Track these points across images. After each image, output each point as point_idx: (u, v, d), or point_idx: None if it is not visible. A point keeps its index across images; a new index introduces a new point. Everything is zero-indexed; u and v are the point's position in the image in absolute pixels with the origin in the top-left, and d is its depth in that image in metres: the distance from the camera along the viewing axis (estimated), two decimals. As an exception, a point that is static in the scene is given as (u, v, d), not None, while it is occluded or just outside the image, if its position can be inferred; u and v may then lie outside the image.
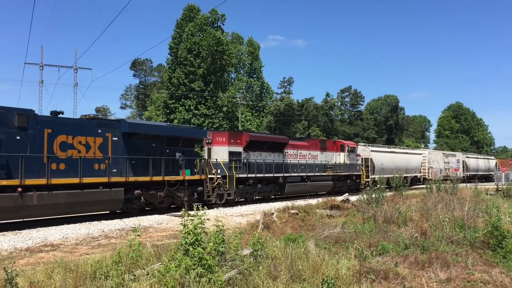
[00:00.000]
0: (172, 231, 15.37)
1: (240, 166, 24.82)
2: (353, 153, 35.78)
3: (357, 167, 36.44)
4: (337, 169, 33.48)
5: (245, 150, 25.33)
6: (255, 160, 25.86)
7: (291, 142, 29.73)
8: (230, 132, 26.03)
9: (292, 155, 29.41)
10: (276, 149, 27.60)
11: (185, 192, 21.19)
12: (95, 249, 12.17)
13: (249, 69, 66.97)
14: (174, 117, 51.22)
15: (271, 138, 28.54)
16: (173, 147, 21.15)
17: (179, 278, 6.98)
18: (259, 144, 26.19)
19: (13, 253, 11.58)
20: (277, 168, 27.53)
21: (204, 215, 8.36)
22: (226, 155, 24.25)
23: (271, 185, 27.63)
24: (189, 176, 21.29)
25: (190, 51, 52.45)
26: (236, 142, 24.93)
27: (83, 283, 6.94)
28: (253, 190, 26.10)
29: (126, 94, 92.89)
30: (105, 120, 19.55)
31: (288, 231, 14.28)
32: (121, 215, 19.25)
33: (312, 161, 31.21)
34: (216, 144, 24.69)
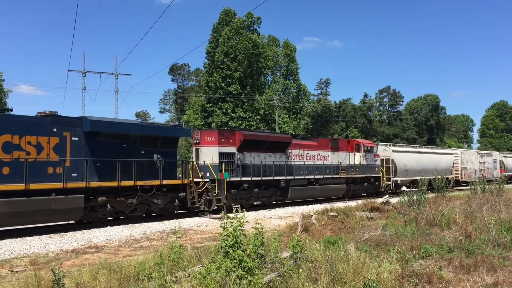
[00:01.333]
0: (211, 233, 15.52)
1: (233, 169, 22.35)
2: (370, 153, 32.64)
3: (375, 169, 33.17)
4: (352, 170, 30.63)
5: (240, 151, 22.81)
6: (251, 161, 23.30)
7: (296, 142, 27.23)
8: (220, 130, 23.84)
9: (297, 156, 26.72)
10: (277, 149, 25.12)
11: (164, 199, 19.16)
12: (137, 251, 12.43)
13: (285, 71, 66.93)
14: (212, 121, 51.73)
15: (270, 137, 25.59)
16: (149, 148, 18.96)
17: (219, 280, 7.03)
18: (256, 144, 23.72)
19: (59, 255, 11.97)
20: (278, 170, 24.99)
21: (243, 217, 8.41)
22: (216, 157, 21.71)
23: (272, 190, 24.90)
24: (168, 181, 19.17)
25: (226, 54, 52.87)
26: (228, 142, 22.37)
27: (127, 284, 7.09)
28: (249, 195, 23.44)
29: (165, 98, 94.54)
30: (62, 118, 16.86)
31: (328, 233, 14.16)
32: (162, 217, 19.56)
33: (322, 162, 28.36)
34: (204, 144, 22.13)
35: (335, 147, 29.92)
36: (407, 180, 37.28)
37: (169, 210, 19.72)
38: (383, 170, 33.98)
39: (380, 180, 33.56)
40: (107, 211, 17.28)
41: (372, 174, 32.77)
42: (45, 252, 12.20)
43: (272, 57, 60.53)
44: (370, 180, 32.68)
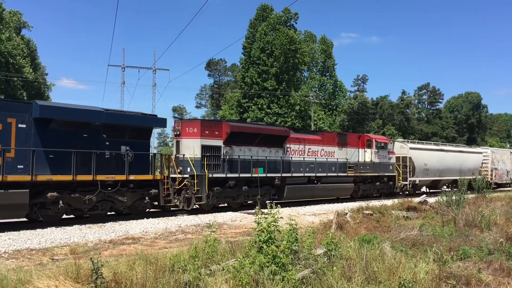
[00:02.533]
0: (245, 228, 15.61)
1: (218, 164, 20.27)
2: (384, 150, 29.89)
3: (389, 167, 30.39)
4: (361, 168, 28.05)
5: (227, 144, 20.64)
6: (239, 156, 21.08)
7: (295, 136, 24.79)
8: (204, 121, 21.24)
9: (296, 151, 24.31)
10: (272, 144, 22.78)
11: (131, 196, 17.28)
12: (172, 244, 12.63)
13: (322, 67, 66.41)
14: (247, 116, 51.89)
15: (262, 129, 22.87)
16: (116, 139, 17.07)
17: (253, 274, 7.07)
18: (246, 137, 21.43)
19: (98, 245, 12.30)
20: (272, 166, 22.70)
21: (277, 213, 8.43)
22: (198, 150, 19.58)
23: (265, 188, 22.48)
24: (136, 176, 17.25)
25: (263, 50, 52.86)
26: (213, 134, 20.22)
27: (162, 275, 7.21)
28: (236, 194, 21.24)
29: (201, 93, 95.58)
30: (6, 102, 15.35)
31: (362, 232, 14.00)
32: (197, 211, 19.80)
33: (325, 158, 25.80)
34: (185, 136, 19.94)
35: (342, 143, 27.39)
36: (426, 181, 34.61)
37: (139, 208, 17.91)
38: (398, 169, 31.25)
39: (395, 180, 30.95)
40: (60, 209, 15.28)
41: (386, 172, 30.11)
42: (84, 242, 12.56)
43: (308, 53, 60.14)
44: (383, 180, 30.10)
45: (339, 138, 27.32)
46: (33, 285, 6.83)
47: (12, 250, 11.28)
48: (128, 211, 17.85)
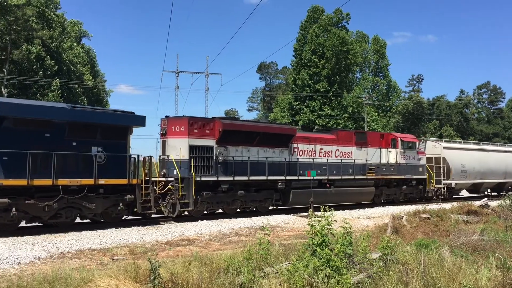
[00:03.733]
0: (298, 231, 15.56)
1: (209, 166, 18.35)
2: (411, 150, 27.26)
3: (418, 169, 27.62)
4: (384, 170, 25.40)
5: (221, 144, 18.77)
6: (233, 157, 19.05)
7: (303, 134, 22.90)
8: (192, 118, 18.59)
9: (306, 152, 22.15)
10: (275, 144, 20.69)
11: (101, 202, 15.36)
12: (226, 245, 12.80)
13: (375, 67, 65.20)
14: (299, 118, 51.71)
15: (262, 128, 20.60)
16: (85, 139, 15.12)
17: (307, 278, 7.05)
18: (243, 136, 19.45)
19: (155, 246, 12.66)
20: (276, 168, 20.46)
21: (331, 216, 8.36)
22: (186, 150, 17.81)
23: (266, 192, 20.40)
24: (106, 180, 15.26)
25: (314, 52, 52.55)
26: (204, 133, 18.38)
27: (217, 277, 7.33)
28: (231, 199, 19.19)
29: (253, 96, 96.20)
30: None
31: (419, 236, 13.62)
32: (251, 213, 19.94)
33: (339, 159, 23.40)
34: (171, 135, 18.23)
35: (362, 142, 24.86)
36: (465, 184, 31.39)
37: (112, 216, 15.97)
38: (430, 171, 28.52)
39: (426, 183, 28.17)
40: (13, 217, 13.56)
41: (414, 175, 27.35)
42: (142, 243, 12.96)
43: (361, 54, 59.24)
44: (411, 183, 27.36)
45: (358, 137, 24.90)
46: (95, 284, 7.12)
47: (75, 250, 11.81)
48: (100, 218, 15.95)
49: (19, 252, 11.15)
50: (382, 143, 26.14)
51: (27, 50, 40.01)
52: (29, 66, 40.58)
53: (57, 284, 7.28)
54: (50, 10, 44.91)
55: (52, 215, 14.37)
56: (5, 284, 7.75)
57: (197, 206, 17.82)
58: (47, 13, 44.03)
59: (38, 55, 40.70)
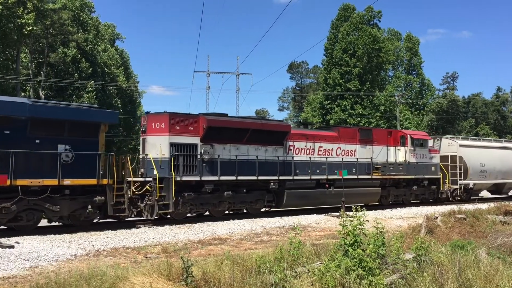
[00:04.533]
0: (330, 231, 15.48)
1: (193, 165, 17.23)
2: (422, 148, 25.59)
3: (431, 168, 25.90)
4: (392, 170, 23.85)
5: (206, 142, 17.61)
6: (218, 156, 17.82)
7: (300, 132, 21.52)
8: (173, 114, 17.40)
9: (303, 150, 20.70)
10: (268, 141, 19.40)
11: (68, 204, 14.33)
12: (257, 245, 12.85)
13: (407, 65, 64.06)
14: (330, 118, 51.35)
15: (252, 124, 19.14)
16: (49, 136, 14.08)
17: (339, 278, 7.01)
18: (231, 133, 18.29)
19: (187, 244, 12.83)
20: (267, 167, 19.14)
21: (363, 216, 8.29)
22: (166, 149, 16.73)
23: (257, 193, 19.17)
24: (72, 180, 14.16)
25: (345, 51, 52.08)
26: (186, 130, 17.26)
27: (249, 276, 7.37)
28: (218, 201, 18.06)
29: (284, 96, 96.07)
30: None
31: (455, 237, 13.34)
32: (282, 213, 19.93)
33: (340, 158, 21.94)
34: (151, 132, 17.15)
35: (366, 139, 23.31)
36: (485, 184, 29.47)
37: (81, 219, 14.87)
38: (445, 171, 26.70)
39: (439, 183, 26.37)
40: None
41: (426, 175, 25.58)
42: (175, 242, 13.15)
43: (393, 52, 58.31)
44: (422, 183, 25.66)
45: (362, 134, 23.30)
46: (129, 281, 7.26)
47: (110, 248, 12.08)
48: (68, 222, 14.96)
49: (56, 249, 11.48)
50: (390, 140, 24.63)
51: (63, 53, 41.11)
52: (65, 69, 41.68)
53: (93, 281, 7.46)
54: (85, 13, 46.04)
55: (11, 218, 13.51)
56: (44, 280, 7.99)
57: (179, 208, 16.68)
58: (82, 16, 45.14)
59: (74, 58, 41.76)
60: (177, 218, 16.98)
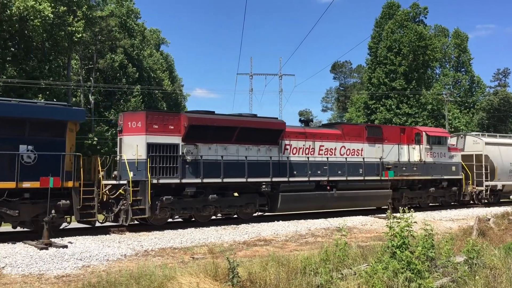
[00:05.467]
0: (376, 233, 15.24)
1: (174, 167, 15.87)
2: (441, 147, 23.38)
3: (450, 168, 23.63)
4: (404, 170, 21.90)
5: (189, 142, 16.23)
6: (205, 156, 16.38)
7: (298, 130, 19.69)
8: (150, 112, 16.45)
9: (301, 149, 19.03)
10: (260, 140, 17.83)
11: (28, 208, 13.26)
12: (303, 246, 12.80)
13: (455, 62, 62.24)
14: (375, 118, 50.54)
15: (240, 122, 17.62)
16: (10, 135, 13.10)
17: (387, 280, 6.89)
18: (217, 132, 16.77)
19: (232, 246, 12.94)
20: (259, 169, 17.52)
21: (411, 217, 8.11)
22: (143, 149, 15.41)
23: (247, 197, 17.73)
24: (32, 183, 13.04)
25: (390, 49, 51.13)
26: (166, 129, 15.97)
27: (294, 277, 7.36)
28: (202, 205, 16.54)
29: (327, 97, 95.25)
30: None
31: (509, 239, 12.82)
32: (327, 214, 19.77)
33: (344, 158, 20.03)
34: (127, 132, 15.93)
35: (375, 138, 21.42)
36: None
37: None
38: (468, 171, 24.48)
39: (461, 184, 24.10)
40: None
41: (445, 175, 23.27)
42: (220, 242, 13.29)
43: (440, 49, 56.76)
44: (441, 184, 23.36)
45: (370, 132, 21.35)
46: (177, 281, 7.41)
47: (158, 249, 12.36)
48: (31, 227, 13.94)
49: (107, 249, 11.85)
50: (403, 138, 22.52)
51: (111, 58, 42.47)
52: (113, 74, 43.04)
53: (142, 280, 7.66)
54: (131, 20, 47.41)
55: None
56: (95, 279, 8.27)
57: (156, 213, 15.36)
58: (128, 23, 46.50)
59: (121, 63, 43.06)
60: (155, 223, 15.62)
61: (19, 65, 31.51)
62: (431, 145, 22.87)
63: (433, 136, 23.28)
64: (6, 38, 31.31)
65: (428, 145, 22.75)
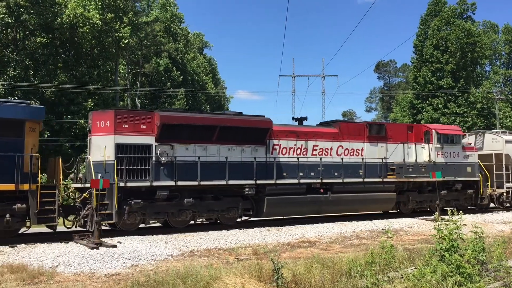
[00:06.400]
0: (424, 235, 14.91)
1: (147, 169, 14.88)
2: (453, 146, 21.41)
3: (465, 169, 21.60)
4: (411, 171, 19.99)
5: (164, 142, 15.26)
6: (175, 158, 15.27)
7: (289, 128, 18.22)
8: (120, 111, 15.49)
9: (291, 150, 17.75)
10: (244, 140, 16.64)
11: None
12: (347, 248, 12.68)
13: (506, 59, 59.92)
14: (421, 117, 49.35)
15: (221, 120, 16.52)
16: None
17: (435, 284, 6.75)
18: (195, 131, 15.70)
19: (276, 247, 12.97)
20: (242, 170, 16.33)
21: (460, 219, 7.90)
22: (111, 150, 14.47)
23: (229, 200, 16.38)
24: None
25: (436, 47, 49.81)
26: (138, 129, 15.01)
27: (339, 279, 7.32)
28: (176, 209, 15.39)
29: (371, 97, 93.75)
30: None
31: None
32: (372, 216, 19.49)
33: (340, 158, 18.50)
34: (96, 132, 14.94)
35: (378, 136, 19.79)
36: None
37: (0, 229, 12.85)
38: (486, 171, 22.55)
39: (478, 187, 21.90)
40: None
41: (459, 176, 21.25)
42: (264, 244, 13.36)
43: (489, 45, 54.82)
44: (454, 187, 21.24)
45: (372, 130, 19.73)
46: (222, 281, 7.52)
47: (203, 249, 12.56)
48: None
49: (154, 249, 12.15)
50: (410, 137, 20.71)
51: (156, 63, 43.48)
52: (158, 78, 44.05)
53: (189, 280, 7.81)
54: (175, 24, 48.38)
55: None
56: (144, 278, 8.50)
57: (125, 218, 14.37)
58: (172, 27, 47.48)
59: (166, 67, 44.02)
60: (124, 228, 14.72)
61: (70, 71, 32.74)
62: (442, 144, 21.05)
63: (445, 134, 21.35)
64: (58, 45, 32.62)
65: (439, 144, 20.95)
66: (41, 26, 30.99)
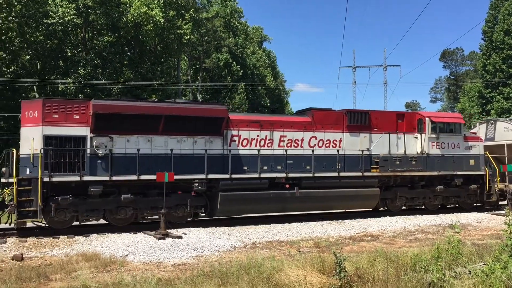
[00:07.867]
0: (494, 230, 14.32)
1: (80, 162, 13.71)
2: (451, 136, 19.15)
3: (467, 162, 19.30)
4: (398, 164, 17.80)
5: (99, 133, 14.07)
6: (110, 151, 14.06)
7: (251, 117, 16.94)
8: (50, 100, 14.20)
9: (254, 141, 16.16)
10: (196, 130, 15.25)
11: None
12: (412, 243, 12.40)
13: None
14: (491, 108, 46.99)
15: (164, 109, 15.12)
16: None
17: (506, 281, 6.48)
18: (137, 121, 14.47)
19: (338, 240, 12.92)
20: (192, 164, 15.03)
21: (533, 215, 7.53)
22: (39, 143, 13.41)
23: (177, 197, 14.99)
24: None
25: (507, 33, 47.13)
26: (70, 119, 13.85)
27: (404, 273, 7.20)
28: (114, 206, 14.22)
29: (436, 87, 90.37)
30: None
31: None
32: (437, 211, 18.89)
33: (310, 151, 16.68)
34: (24, 123, 13.90)
35: (360, 126, 17.82)
36: None
37: None
38: (494, 164, 19.70)
39: (484, 181, 19.47)
40: None
41: (459, 170, 18.97)
42: (326, 237, 13.34)
43: None
44: (453, 182, 18.99)
45: (352, 119, 17.78)
46: (285, 273, 7.61)
47: (265, 241, 12.73)
48: None
49: (218, 241, 12.46)
50: (401, 126, 18.61)
51: (217, 58, 44.17)
52: (219, 73, 44.73)
53: (252, 271, 7.97)
54: (234, 19, 48.90)
55: None
56: (208, 269, 8.78)
57: (52, 215, 13.33)
58: (232, 22, 48.04)
59: (226, 62, 44.61)
60: (55, 227, 13.74)
61: (135, 68, 33.99)
62: (437, 133, 18.84)
63: (441, 122, 19.10)
64: (123, 43, 33.94)
65: (434, 133, 18.77)
66: (108, 26, 32.42)
